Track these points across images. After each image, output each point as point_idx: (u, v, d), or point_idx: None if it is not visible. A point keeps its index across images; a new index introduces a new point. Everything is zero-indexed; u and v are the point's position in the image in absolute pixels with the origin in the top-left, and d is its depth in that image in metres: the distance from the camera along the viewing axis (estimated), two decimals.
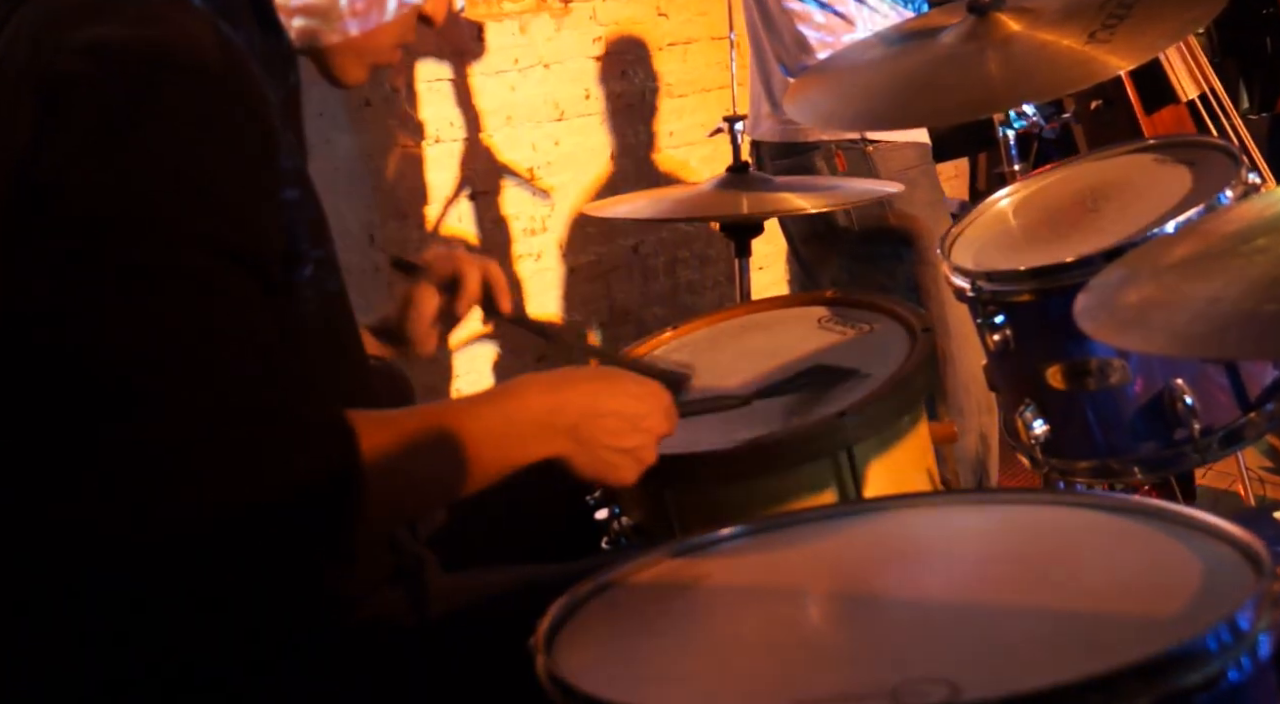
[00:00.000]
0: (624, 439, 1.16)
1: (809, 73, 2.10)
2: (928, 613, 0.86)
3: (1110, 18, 1.61)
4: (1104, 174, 1.66)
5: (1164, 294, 1.00)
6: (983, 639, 0.80)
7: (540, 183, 3.53)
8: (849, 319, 1.55)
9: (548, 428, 1.12)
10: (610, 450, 1.16)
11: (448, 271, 1.48)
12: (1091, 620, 0.79)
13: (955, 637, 0.81)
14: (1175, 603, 0.78)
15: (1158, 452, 1.45)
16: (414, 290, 1.48)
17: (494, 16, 3.36)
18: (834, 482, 1.30)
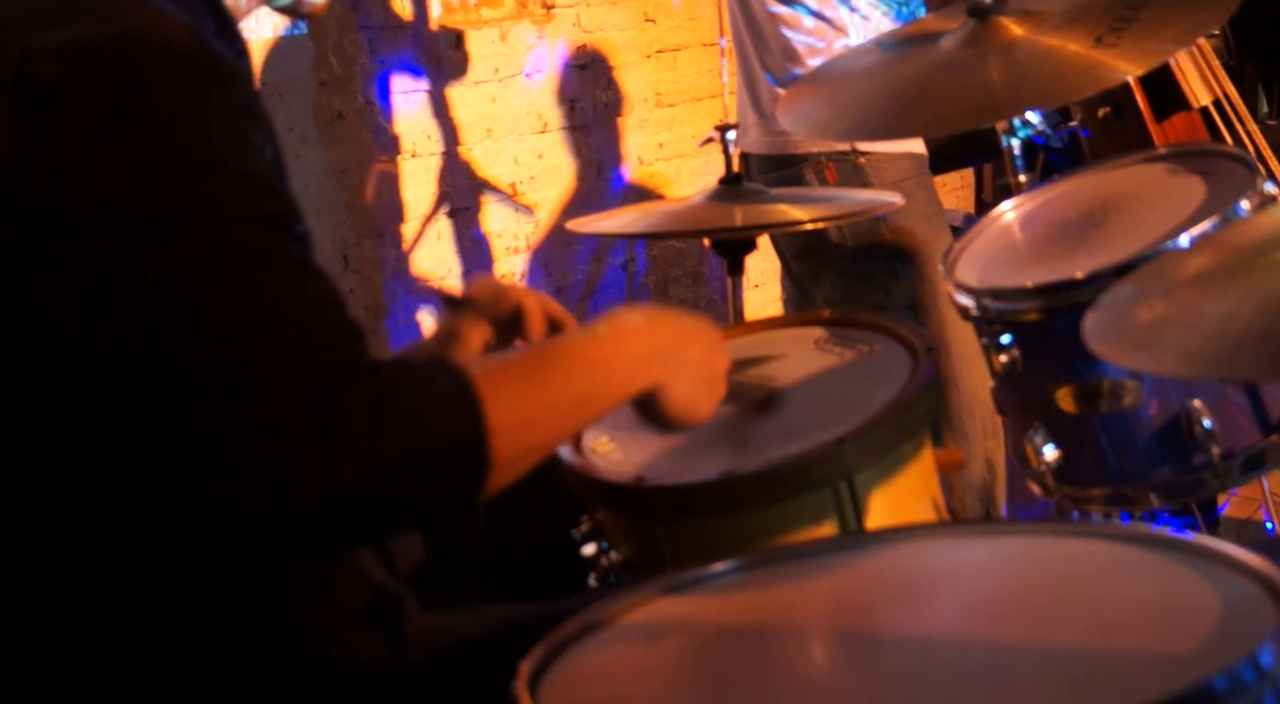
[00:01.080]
0: (706, 369, 1.23)
1: (801, 81, 2.11)
2: (934, 652, 0.86)
3: (1118, 20, 1.62)
4: (1113, 185, 1.67)
5: (1177, 312, 1.00)
6: (993, 679, 0.80)
7: (523, 198, 3.54)
8: (847, 340, 1.55)
9: (651, 354, 1.18)
10: (699, 380, 1.22)
11: (504, 308, 1.50)
12: (1106, 657, 0.79)
13: (964, 677, 0.81)
14: (1193, 639, 0.77)
15: (1175, 477, 1.45)
16: (463, 325, 1.50)
17: (473, 24, 3.37)
18: (834, 512, 1.29)
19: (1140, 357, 0.97)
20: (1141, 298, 1.08)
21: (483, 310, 1.50)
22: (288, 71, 2.96)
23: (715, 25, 3.79)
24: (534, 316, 1.49)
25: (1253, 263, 1.02)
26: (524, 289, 1.53)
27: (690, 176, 3.94)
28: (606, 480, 1.34)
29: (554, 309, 1.52)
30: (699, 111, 3.95)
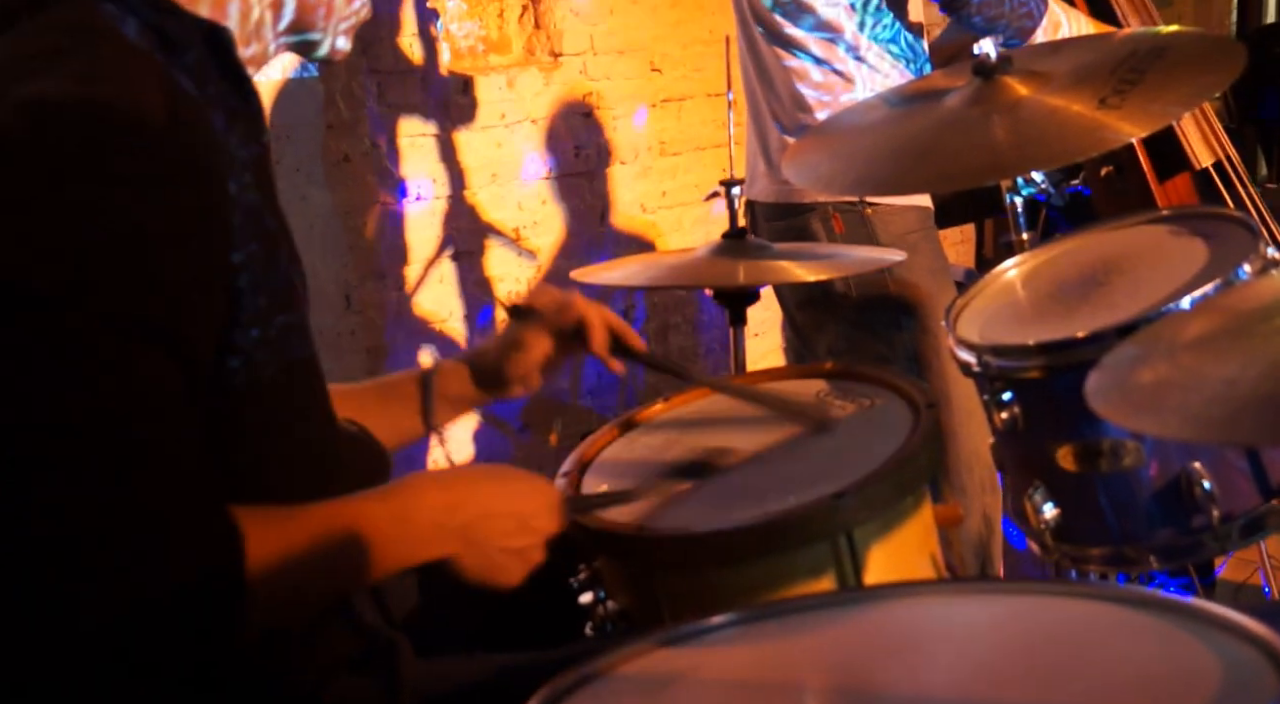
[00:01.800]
0: (514, 539, 1.21)
1: (808, 134, 2.12)
2: None
3: (1122, 83, 1.62)
4: (1116, 245, 1.67)
5: (1180, 374, 1.01)
6: None
7: (526, 243, 3.55)
8: (849, 393, 1.55)
9: (441, 528, 1.17)
10: (500, 552, 1.20)
11: (568, 319, 1.54)
12: None
13: None
14: None
15: (1175, 539, 1.44)
16: (526, 334, 1.54)
17: (481, 70, 3.40)
18: (833, 567, 1.29)
19: (1143, 419, 0.97)
20: (1144, 359, 1.08)
21: (547, 321, 1.54)
22: (296, 114, 2.98)
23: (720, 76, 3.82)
24: (597, 329, 1.53)
25: (1255, 328, 1.02)
26: (586, 301, 1.56)
27: (693, 225, 3.95)
28: (606, 529, 1.34)
29: (616, 323, 1.56)
30: (703, 161, 3.98)
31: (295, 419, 1.20)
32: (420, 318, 3.31)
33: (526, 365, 1.54)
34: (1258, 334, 1.01)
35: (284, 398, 1.16)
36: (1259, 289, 1.13)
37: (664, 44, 3.84)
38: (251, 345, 1.11)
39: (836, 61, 2.33)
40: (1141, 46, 1.69)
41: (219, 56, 1.15)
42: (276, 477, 1.16)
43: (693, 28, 3.89)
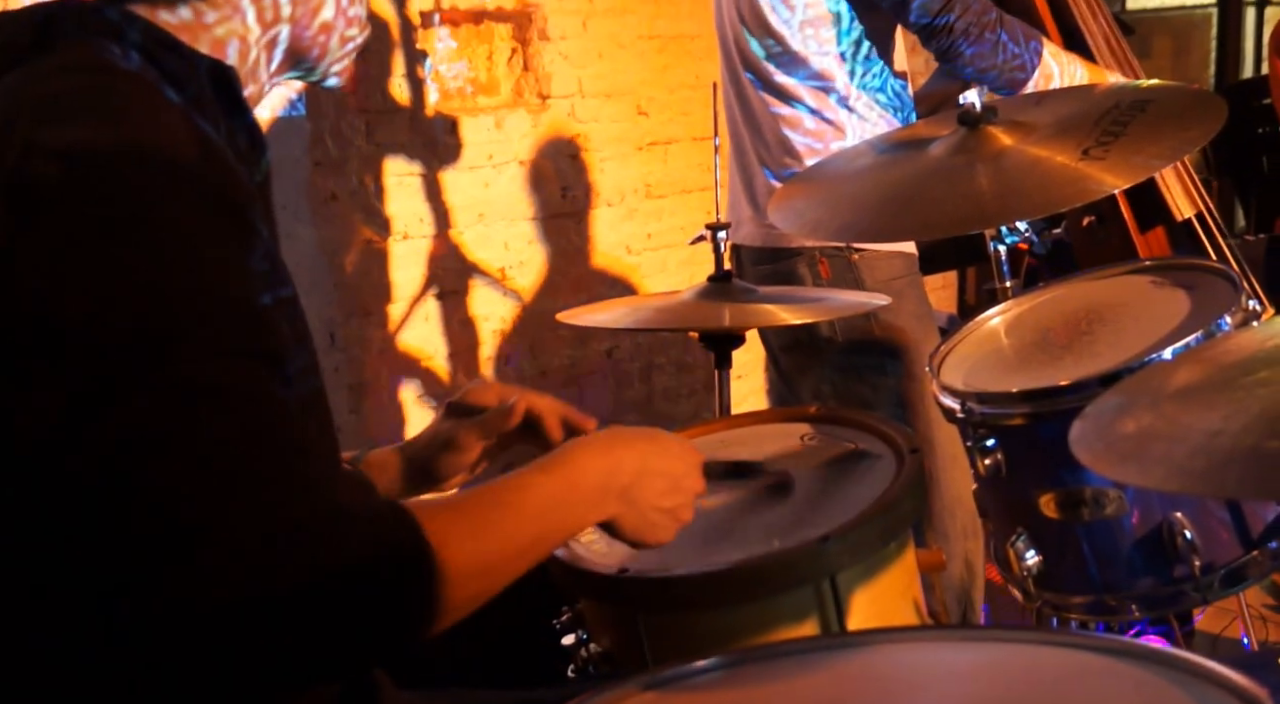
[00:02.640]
0: (667, 498, 1.23)
1: (794, 180, 2.13)
2: None
3: (1105, 135, 1.64)
4: (1099, 295, 1.68)
5: (1163, 425, 1.01)
6: None
7: (511, 283, 3.56)
8: (834, 437, 1.56)
9: (605, 490, 1.19)
10: (656, 510, 1.23)
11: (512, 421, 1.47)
12: None
13: None
14: None
15: (1156, 588, 1.44)
16: (461, 433, 1.48)
17: (469, 111, 3.41)
18: (816, 611, 1.29)
19: (1127, 469, 0.97)
20: (1128, 409, 1.08)
21: (487, 423, 1.47)
22: (284, 151, 2.98)
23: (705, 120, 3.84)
24: (552, 425, 1.47)
25: (1237, 380, 1.02)
26: (532, 395, 1.50)
27: (678, 267, 3.97)
28: (590, 571, 1.33)
29: (571, 415, 1.50)
30: (688, 204, 4.00)
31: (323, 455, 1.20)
32: (404, 355, 3.31)
33: (457, 466, 1.49)
34: (1240, 386, 1.01)
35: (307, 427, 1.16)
36: (1240, 341, 1.14)
37: (651, 88, 3.87)
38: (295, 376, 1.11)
39: (827, 110, 2.34)
40: (1124, 99, 1.71)
41: (223, 93, 1.16)
42: None
43: (679, 73, 3.92)
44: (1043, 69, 2.26)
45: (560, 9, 3.59)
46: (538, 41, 3.56)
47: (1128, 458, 0.99)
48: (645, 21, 3.84)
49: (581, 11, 3.65)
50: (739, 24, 2.39)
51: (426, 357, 3.36)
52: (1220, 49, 5.38)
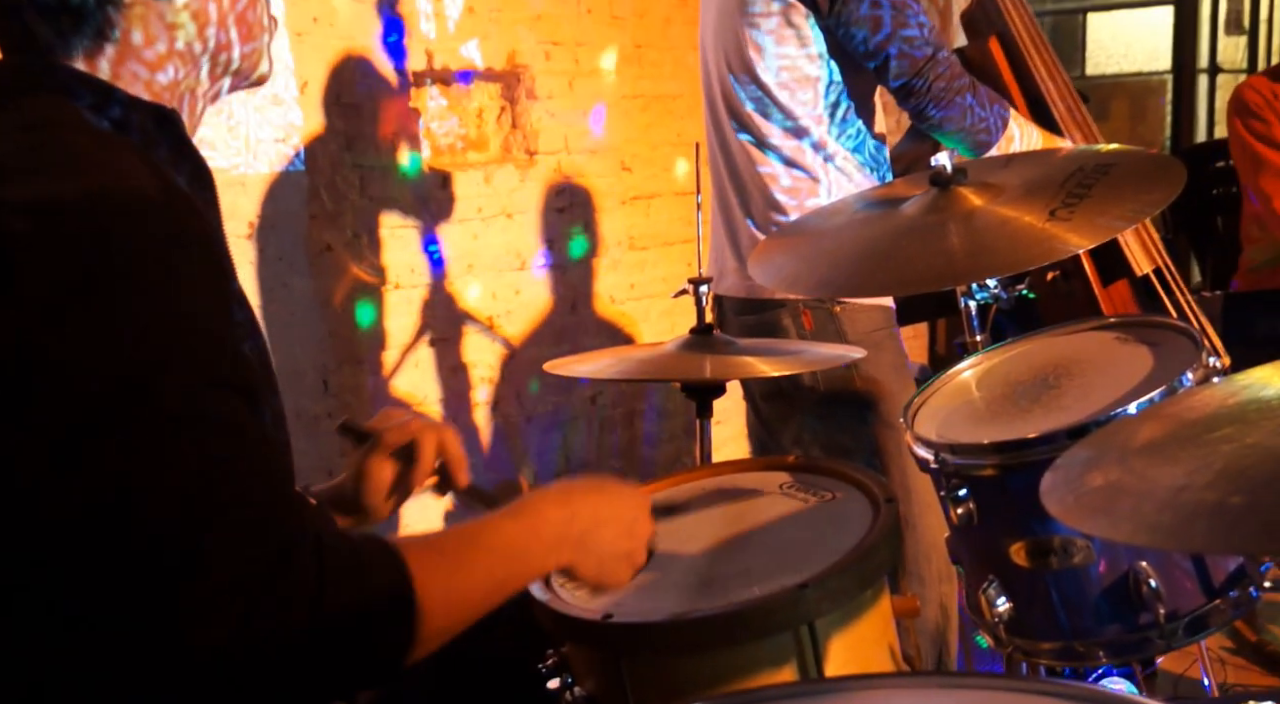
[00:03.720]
0: (621, 543, 1.28)
1: (774, 235, 2.13)
2: None
3: (1070, 197, 1.64)
4: (1066, 350, 1.68)
5: (1131, 479, 1.01)
6: None
7: (500, 331, 3.55)
8: (811, 486, 1.55)
9: (563, 538, 1.22)
10: (610, 556, 1.27)
11: (401, 440, 1.48)
12: None
13: None
14: None
15: (1122, 635, 1.43)
16: (367, 462, 1.48)
17: (459, 166, 3.42)
18: (795, 657, 1.28)
19: (1097, 523, 0.97)
20: (1096, 463, 1.08)
21: (385, 446, 1.48)
22: (281, 205, 2.98)
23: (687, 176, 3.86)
24: (424, 458, 1.48)
25: (1200, 436, 1.03)
26: (425, 425, 1.51)
27: (659, 317, 3.97)
28: (574, 616, 1.32)
29: (450, 450, 1.50)
30: (670, 255, 4.01)
31: None
32: (396, 401, 3.29)
33: (375, 494, 1.49)
34: (1204, 443, 1.01)
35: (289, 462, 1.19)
36: (1202, 397, 1.14)
37: (634, 145, 3.89)
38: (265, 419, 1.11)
39: (805, 165, 2.35)
40: (1088, 163, 1.72)
41: (169, 136, 1.15)
42: None
43: (661, 131, 3.95)
44: (1007, 133, 2.28)
45: (547, 70, 3.61)
46: (525, 100, 3.57)
47: (1097, 511, 0.99)
48: (629, 82, 3.86)
49: (568, 72, 3.68)
50: (726, 73, 2.40)
51: (417, 402, 3.35)
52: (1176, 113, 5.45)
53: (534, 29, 3.56)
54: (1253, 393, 1.10)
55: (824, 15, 2.24)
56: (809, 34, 2.27)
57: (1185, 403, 1.16)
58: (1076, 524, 0.97)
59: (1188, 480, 0.95)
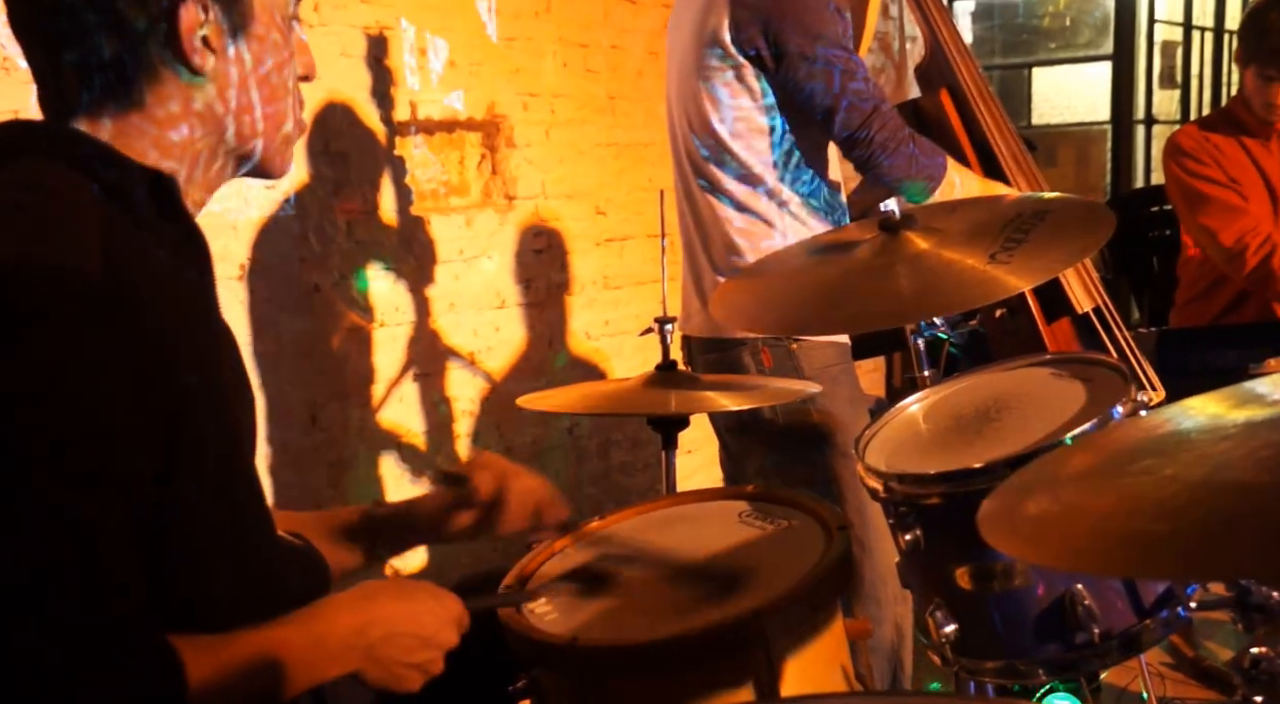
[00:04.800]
0: (415, 655, 1.23)
1: (733, 278, 2.15)
2: None
3: (1009, 241, 1.66)
4: (1007, 385, 1.70)
5: (1061, 508, 1.02)
6: None
7: (482, 366, 3.55)
8: (769, 515, 1.56)
9: (351, 648, 1.18)
10: (402, 665, 1.22)
11: (493, 488, 1.52)
12: None
13: None
14: None
15: (1060, 654, 1.44)
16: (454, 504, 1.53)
17: (442, 211, 3.43)
18: (752, 678, 1.28)
19: (1028, 549, 0.98)
20: (1029, 492, 1.09)
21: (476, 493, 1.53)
22: (272, 249, 2.98)
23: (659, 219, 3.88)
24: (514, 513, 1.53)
25: (1126, 467, 1.03)
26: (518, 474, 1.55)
27: (632, 352, 3.98)
28: (542, 640, 1.32)
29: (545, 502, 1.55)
30: (642, 294, 4.02)
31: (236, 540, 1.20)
32: (381, 434, 3.29)
33: (455, 529, 1.53)
34: (1129, 474, 1.02)
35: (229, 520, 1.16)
36: (1129, 430, 1.15)
37: (608, 190, 3.91)
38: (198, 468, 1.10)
39: (760, 211, 2.37)
40: (1027, 209, 1.74)
41: (162, 200, 1.16)
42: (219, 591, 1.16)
43: (634, 176, 3.97)
44: (946, 179, 2.31)
45: (525, 120, 3.63)
46: (505, 148, 3.59)
47: (1030, 539, 1.00)
48: (603, 131, 3.89)
49: (545, 122, 3.70)
50: (687, 126, 2.42)
51: (402, 435, 3.34)
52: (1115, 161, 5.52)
53: (512, 81, 3.58)
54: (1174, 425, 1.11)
55: (773, 73, 2.27)
56: (760, 89, 2.30)
57: (1113, 435, 1.17)
58: (1010, 551, 0.97)
59: (1114, 509, 0.95)
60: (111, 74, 1.14)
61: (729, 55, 2.28)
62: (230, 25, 1.19)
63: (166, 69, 1.16)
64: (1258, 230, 3.11)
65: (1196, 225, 3.22)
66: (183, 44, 1.15)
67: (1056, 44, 6.11)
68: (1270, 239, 3.09)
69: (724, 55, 2.28)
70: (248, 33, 1.21)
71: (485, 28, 3.50)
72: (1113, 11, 5.54)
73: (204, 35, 1.17)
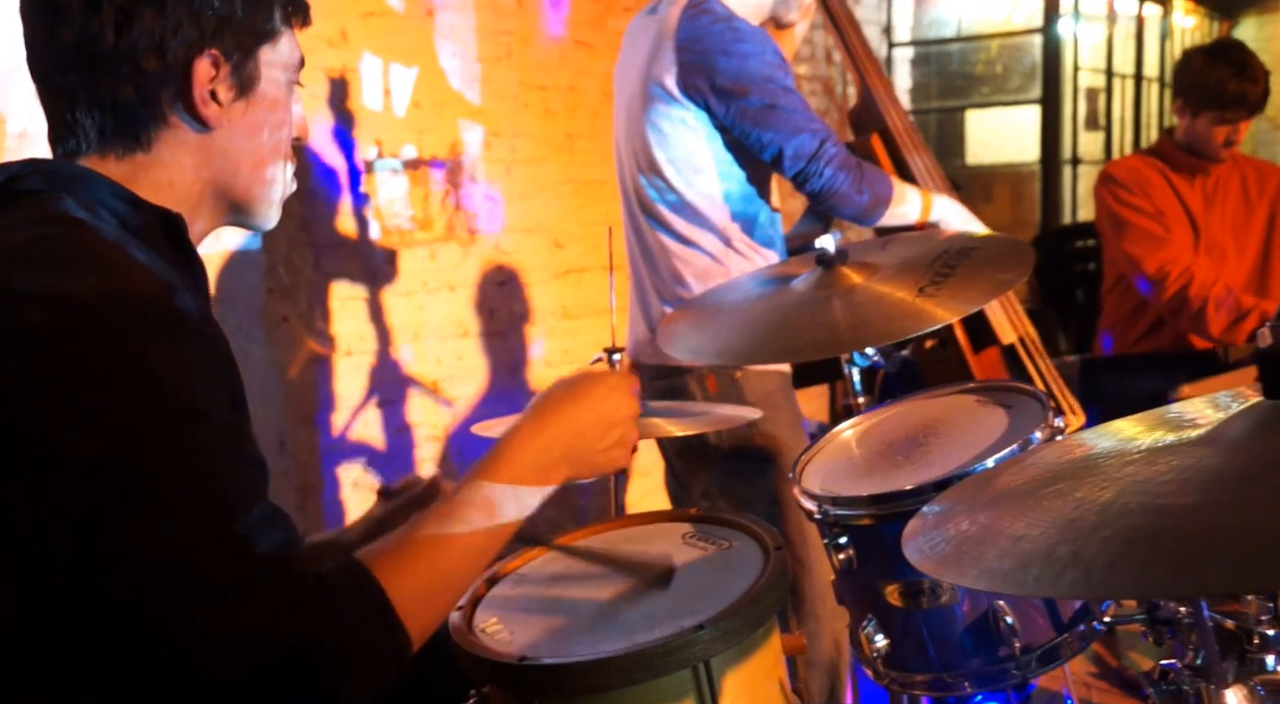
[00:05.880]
0: (607, 438, 1.27)
1: (678, 309, 2.16)
2: None
3: (937, 275, 1.68)
4: (934, 411, 1.71)
5: (977, 530, 1.03)
6: None
7: (444, 394, 3.53)
8: (711, 535, 1.55)
9: (545, 468, 1.22)
10: (599, 453, 1.27)
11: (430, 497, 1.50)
12: None
13: None
14: None
15: (984, 667, 1.44)
16: (395, 518, 1.49)
17: (407, 244, 3.42)
18: (693, 692, 1.27)
19: (946, 569, 0.99)
20: (949, 515, 1.10)
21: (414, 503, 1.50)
22: (241, 280, 2.96)
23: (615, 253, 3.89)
24: None
25: (1039, 490, 1.05)
26: None
27: None
28: (491, 659, 1.31)
29: None
30: (599, 324, 4.03)
31: None
32: (347, 459, 3.26)
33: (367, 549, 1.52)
34: (1042, 496, 1.03)
35: None
36: (1045, 455, 1.16)
37: (567, 225, 3.91)
38: None
39: (710, 246, 2.38)
40: (953, 246, 1.76)
41: (173, 239, 1.16)
42: None
43: (591, 211, 3.98)
44: (896, 197, 2.33)
45: (488, 157, 3.63)
46: (468, 184, 3.59)
47: (947, 559, 1.00)
48: (561, 168, 3.89)
49: (506, 160, 3.70)
50: (635, 166, 2.43)
51: (368, 460, 3.31)
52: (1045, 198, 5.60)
53: (475, 121, 3.58)
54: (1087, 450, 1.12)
55: (719, 117, 2.28)
56: (705, 131, 2.32)
57: (1029, 460, 1.18)
58: (930, 571, 0.98)
59: (1025, 531, 0.96)
60: (123, 119, 1.14)
61: (675, 100, 2.29)
62: (239, 82, 1.20)
63: (176, 118, 1.17)
64: (1178, 260, 3.16)
65: (1121, 251, 3.27)
66: (193, 96, 1.16)
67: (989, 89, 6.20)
68: (1189, 269, 3.14)
69: (670, 99, 2.30)
70: (254, 91, 1.22)
71: (448, 72, 3.50)
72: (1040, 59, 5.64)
73: (213, 90, 1.17)
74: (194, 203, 1.21)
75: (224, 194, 1.23)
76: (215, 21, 1.16)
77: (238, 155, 1.22)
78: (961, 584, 1.27)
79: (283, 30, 1.26)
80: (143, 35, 1.12)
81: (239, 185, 1.23)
